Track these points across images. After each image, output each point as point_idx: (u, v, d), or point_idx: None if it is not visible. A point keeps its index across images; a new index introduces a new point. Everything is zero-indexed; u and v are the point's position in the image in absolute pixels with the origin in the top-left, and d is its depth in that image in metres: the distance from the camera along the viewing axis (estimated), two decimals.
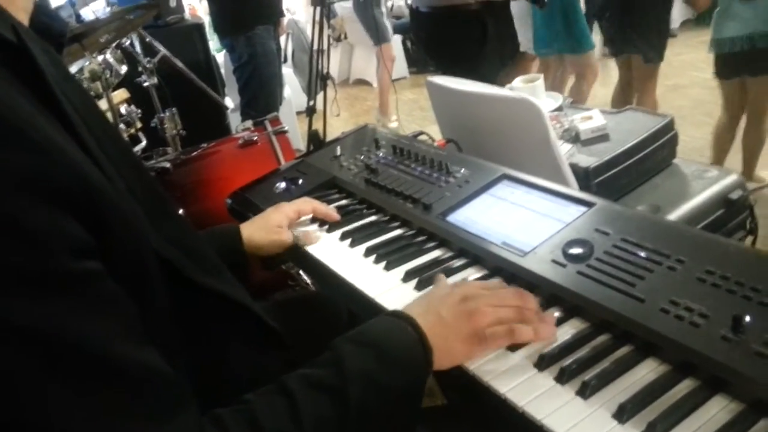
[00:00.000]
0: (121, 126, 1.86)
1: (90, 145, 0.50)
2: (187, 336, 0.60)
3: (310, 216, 1.02)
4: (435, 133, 1.55)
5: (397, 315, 0.65)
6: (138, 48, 2.28)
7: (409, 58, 5.96)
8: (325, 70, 3.01)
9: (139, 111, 2.04)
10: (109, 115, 1.85)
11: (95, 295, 0.45)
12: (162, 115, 2.37)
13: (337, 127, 4.05)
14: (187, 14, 4.15)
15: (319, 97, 3.11)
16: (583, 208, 0.82)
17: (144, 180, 0.62)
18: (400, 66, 5.73)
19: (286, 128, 2.06)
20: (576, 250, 0.74)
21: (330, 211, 1.00)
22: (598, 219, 0.79)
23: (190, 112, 2.58)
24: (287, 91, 4.07)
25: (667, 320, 0.62)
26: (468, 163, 1.02)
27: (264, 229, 0.96)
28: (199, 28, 3.28)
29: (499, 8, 2.12)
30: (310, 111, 2.75)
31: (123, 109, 1.94)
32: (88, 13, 2.16)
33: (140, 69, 2.28)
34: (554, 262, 0.74)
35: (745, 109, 2.66)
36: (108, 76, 1.80)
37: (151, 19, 2.22)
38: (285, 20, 3.50)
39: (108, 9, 2.28)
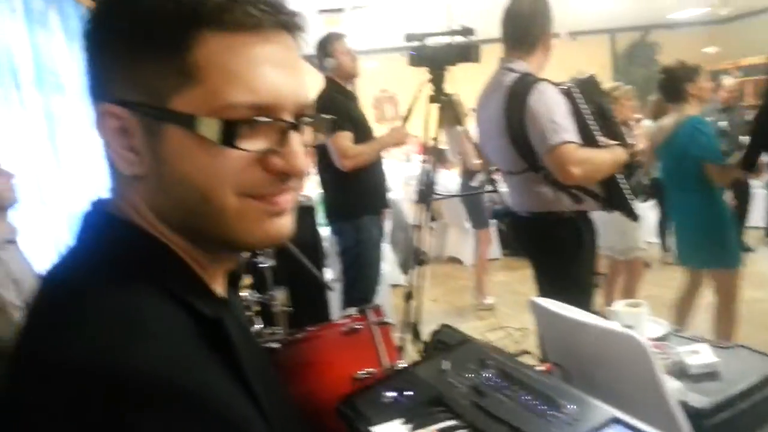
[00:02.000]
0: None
1: (261, 400, 0.58)
2: None
3: None
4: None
5: None
6: None
7: (502, 240, 6.12)
8: (421, 249, 3.14)
9: (259, 295, 2.22)
10: None
11: None
12: (273, 293, 2.56)
13: (430, 305, 4.14)
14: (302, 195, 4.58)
15: (414, 274, 3.24)
16: None
17: (295, 423, 0.71)
18: (493, 248, 5.89)
19: (389, 320, 2.16)
20: None
21: None
22: None
23: (295, 289, 2.76)
24: (383, 265, 4.26)
25: None
26: (576, 399, 1.04)
27: None
28: (310, 210, 3.60)
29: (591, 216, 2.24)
30: (408, 296, 2.86)
31: (247, 293, 2.12)
32: None
33: (260, 252, 2.52)
34: None
35: None
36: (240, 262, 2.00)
37: None
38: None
39: None
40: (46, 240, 2.73)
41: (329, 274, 4.03)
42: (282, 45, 0.59)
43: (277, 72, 0.57)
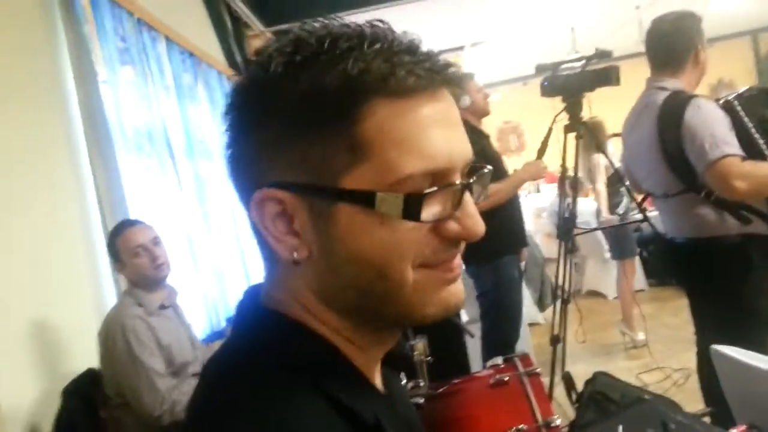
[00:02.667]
0: None
1: None
2: None
3: None
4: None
5: None
6: None
7: (647, 270, 5.71)
8: (559, 284, 2.97)
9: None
10: None
11: None
12: (413, 342, 2.52)
13: (574, 343, 3.89)
14: None
15: (549, 310, 3.06)
16: None
17: None
18: (638, 278, 5.50)
19: (538, 369, 2.02)
20: None
21: None
22: None
23: (433, 335, 2.70)
24: None
25: None
26: None
27: None
28: None
29: None
30: (555, 340, 2.70)
31: None
32: None
33: None
34: None
35: None
36: None
37: None
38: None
39: None
40: (198, 298, 2.90)
41: (464, 316, 3.93)
42: (445, 102, 0.55)
43: (446, 132, 0.54)
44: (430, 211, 0.53)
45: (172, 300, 2.24)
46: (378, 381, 0.64)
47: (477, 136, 2.95)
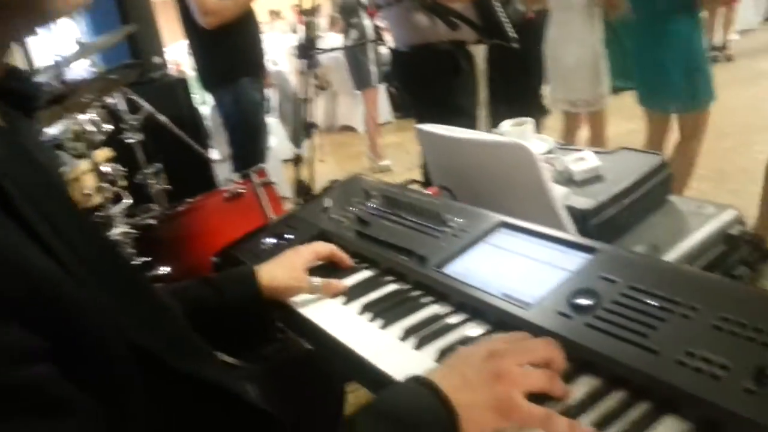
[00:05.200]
0: (104, 185, 1.83)
1: (46, 237, 0.45)
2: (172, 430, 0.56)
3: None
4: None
5: (417, 381, 0.60)
6: (122, 105, 2.26)
7: (394, 103, 6.03)
8: (310, 119, 3.05)
9: (125, 169, 2.02)
10: (91, 174, 1.82)
11: (43, 402, 0.40)
12: (147, 171, 2.35)
13: (324, 173, 4.05)
14: (172, 70, 4.19)
15: (305, 145, 3.14)
16: (586, 255, 0.79)
17: (117, 266, 0.58)
18: (384, 111, 5.81)
19: (272, 180, 2.04)
20: (582, 301, 0.70)
21: (345, 256, 0.99)
22: (603, 266, 0.76)
23: (176, 166, 2.56)
24: (273, 141, 4.07)
25: (684, 373, 0.59)
26: (463, 212, 0.99)
27: (286, 268, 0.92)
28: (182, 82, 3.30)
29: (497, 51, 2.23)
30: (297, 160, 2.74)
31: (108, 167, 1.91)
32: (72, 74, 2.16)
33: (124, 126, 2.27)
34: (560, 314, 0.71)
35: None
36: (92, 135, 1.78)
37: (134, 77, 2.22)
38: (270, 72, 3.51)
39: (93, 69, 2.27)
40: None
41: (215, 154, 3.80)
42: None
43: None
44: None
45: None
46: None
47: None
